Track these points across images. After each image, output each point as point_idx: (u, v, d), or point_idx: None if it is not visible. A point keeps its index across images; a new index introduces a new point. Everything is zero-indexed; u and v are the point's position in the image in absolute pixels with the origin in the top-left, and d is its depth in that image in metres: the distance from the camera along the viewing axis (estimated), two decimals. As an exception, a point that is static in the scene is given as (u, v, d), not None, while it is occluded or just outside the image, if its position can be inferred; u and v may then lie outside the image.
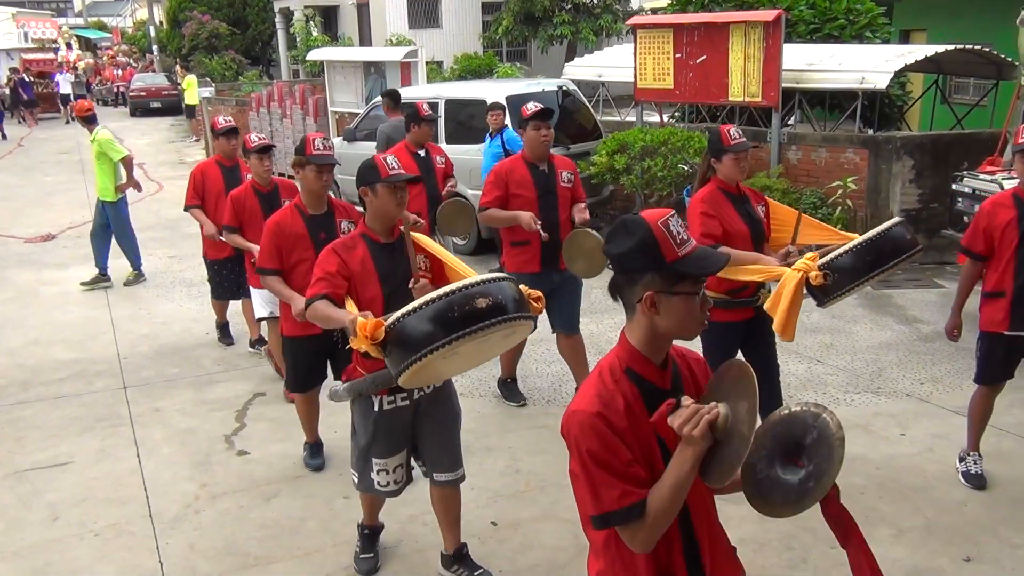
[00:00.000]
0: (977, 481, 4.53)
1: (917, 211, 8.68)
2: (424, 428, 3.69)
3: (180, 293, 8.77)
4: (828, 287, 3.98)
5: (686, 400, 1.92)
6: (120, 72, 37.34)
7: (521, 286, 3.01)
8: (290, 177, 6.66)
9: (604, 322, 7.25)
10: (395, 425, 3.62)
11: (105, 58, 44.27)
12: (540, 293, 3.24)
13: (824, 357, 6.39)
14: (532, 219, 5.10)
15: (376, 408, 3.57)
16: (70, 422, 5.75)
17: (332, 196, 4.67)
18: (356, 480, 3.78)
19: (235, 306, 7.02)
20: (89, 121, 8.92)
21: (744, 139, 4.29)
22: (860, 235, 4.08)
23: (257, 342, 6.84)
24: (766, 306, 4.13)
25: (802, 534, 4.07)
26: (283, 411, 5.80)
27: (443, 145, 9.84)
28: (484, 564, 3.90)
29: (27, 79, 29.01)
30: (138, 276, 9.23)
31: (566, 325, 5.54)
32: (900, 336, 6.81)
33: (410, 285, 3.40)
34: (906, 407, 5.57)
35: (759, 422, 1.93)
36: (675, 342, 2.05)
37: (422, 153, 6.61)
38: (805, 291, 4.02)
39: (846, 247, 4.00)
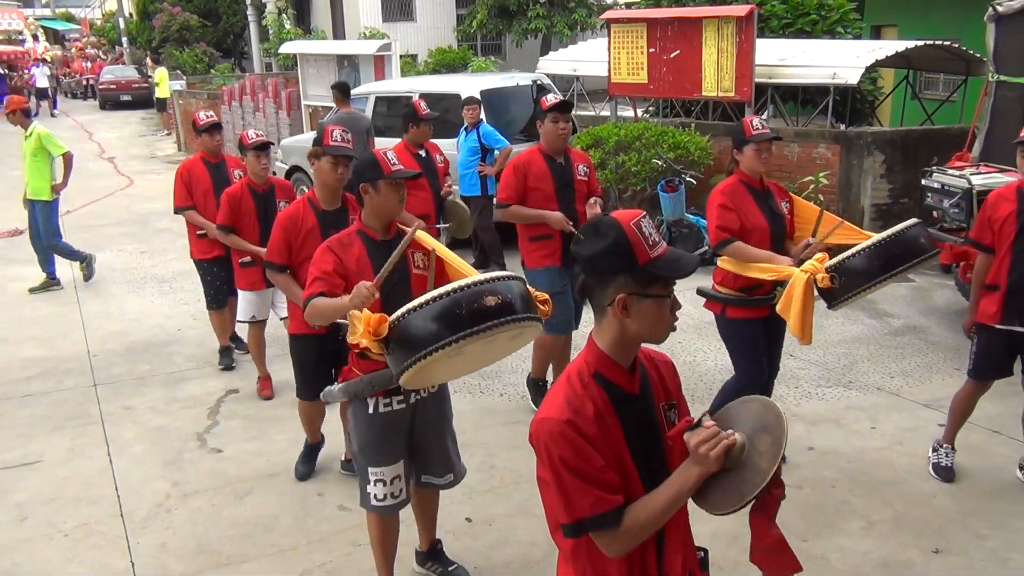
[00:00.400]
0: (946, 474, 4.58)
1: (888, 206, 8.77)
2: (417, 431, 3.57)
3: (151, 289, 8.67)
4: (836, 290, 3.94)
5: (708, 420, 1.91)
6: (89, 64, 36.83)
7: (528, 287, 2.90)
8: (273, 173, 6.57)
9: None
10: (392, 430, 3.48)
11: (74, 50, 43.63)
12: (547, 296, 3.16)
13: (796, 351, 6.45)
14: (564, 220, 5.03)
15: (371, 410, 3.44)
16: (39, 421, 5.67)
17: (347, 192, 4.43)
18: (360, 496, 3.60)
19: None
20: (26, 115, 8.57)
21: (767, 130, 4.26)
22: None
23: (225, 350, 6.54)
24: (778, 308, 4.11)
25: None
26: (256, 408, 5.76)
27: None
28: (458, 560, 3.91)
29: (2, 71, 28.31)
30: (50, 283, 8.74)
31: (556, 328, 5.30)
32: (871, 330, 6.89)
33: (416, 268, 3.37)
34: (877, 400, 5.63)
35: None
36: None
37: (423, 153, 6.41)
38: (816, 293, 3.99)
39: (856, 249, 3.94)
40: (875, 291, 4.12)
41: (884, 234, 3.91)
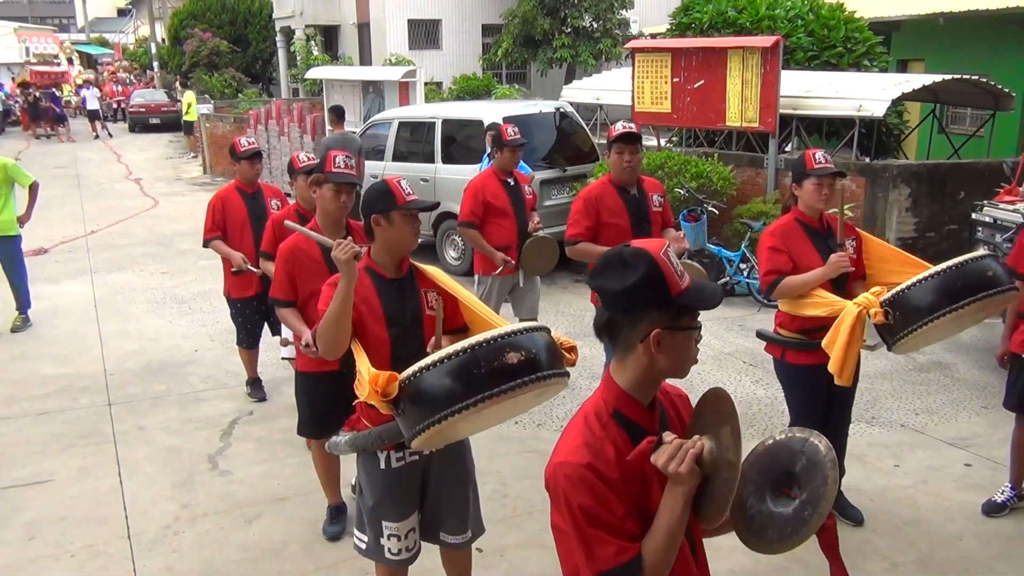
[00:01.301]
0: (989, 507, 4.49)
1: (913, 239, 8.65)
2: (432, 485, 3.31)
3: (170, 310, 8.69)
4: (892, 326, 3.59)
5: (668, 436, 1.81)
6: (120, 88, 37.42)
7: (554, 334, 2.66)
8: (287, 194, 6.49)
9: (598, 345, 7.17)
10: (406, 484, 3.24)
11: (106, 74, 44.43)
12: (574, 343, 2.89)
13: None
14: None
15: (383, 465, 3.18)
16: (52, 439, 5.65)
17: (351, 219, 4.23)
18: (363, 546, 3.33)
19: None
20: None
21: (830, 164, 3.98)
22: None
23: (255, 382, 6.33)
24: (824, 343, 3.77)
25: (793, 566, 3.98)
26: (269, 431, 5.72)
27: (438, 164, 9.87)
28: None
29: (57, 93, 28.43)
30: (24, 321, 8.14)
31: None
32: (895, 365, 6.75)
33: (428, 348, 3.01)
34: (900, 438, 5.49)
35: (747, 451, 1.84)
36: None
37: (511, 182, 5.98)
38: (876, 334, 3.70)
39: (913, 280, 3.56)
40: (942, 333, 3.67)
41: (945, 264, 3.52)
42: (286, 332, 4.78)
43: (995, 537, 4.31)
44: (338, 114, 10.59)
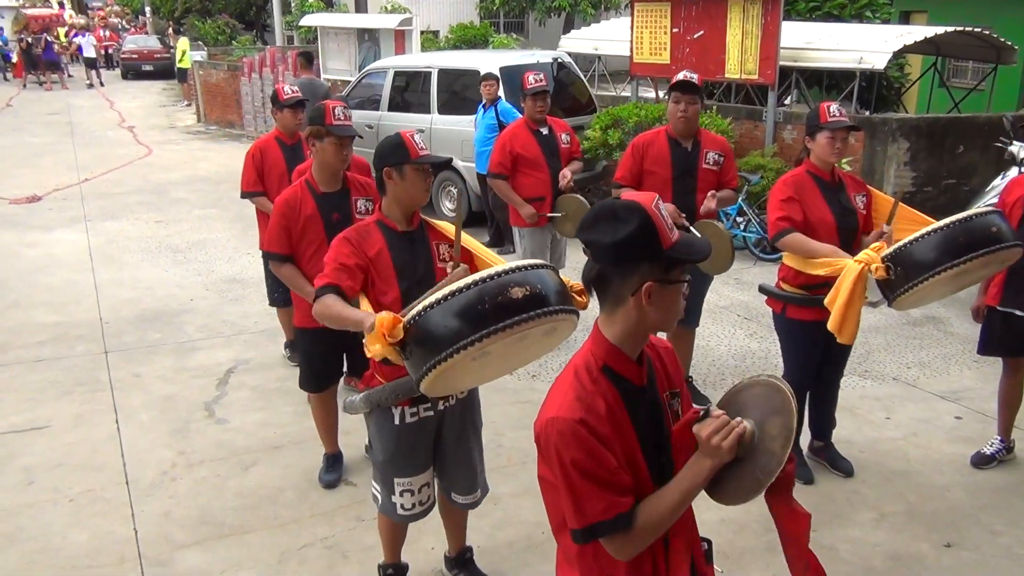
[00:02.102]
0: (977, 460, 4.55)
1: (911, 194, 8.61)
2: (445, 441, 3.31)
3: (165, 259, 8.67)
4: (893, 281, 3.54)
5: (716, 410, 1.82)
6: (107, 33, 36.74)
7: (563, 276, 2.58)
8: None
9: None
10: (418, 440, 3.22)
11: (96, 19, 43.66)
12: (583, 286, 2.86)
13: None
14: (676, 213, 4.64)
15: (397, 421, 3.17)
16: (48, 386, 5.67)
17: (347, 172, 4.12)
18: (378, 499, 3.35)
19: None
20: None
21: (845, 117, 3.94)
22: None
23: (290, 344, 6.05)
24: (825, 301, 3.74)
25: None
26: (264, 379, 5.74)
27: (434, 115, 9.77)
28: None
29: (49, 38, 27.35)
30: None
31: (687, 320, 5.12)
32: (889, 320, 6.78)
33: (449, 269, 3.02)
34: (892, 391, 5.54)
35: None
36: None
37: (544, 131, 5.79)
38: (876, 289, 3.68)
39: (915, 235, 3.50)
40: (943, 290, 3.66)
41: (948, 219, 3.47)
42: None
43: (983, 488, 4.37)
44: (307, 59, 11.13)
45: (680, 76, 4.75)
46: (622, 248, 1.79)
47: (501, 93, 8.60)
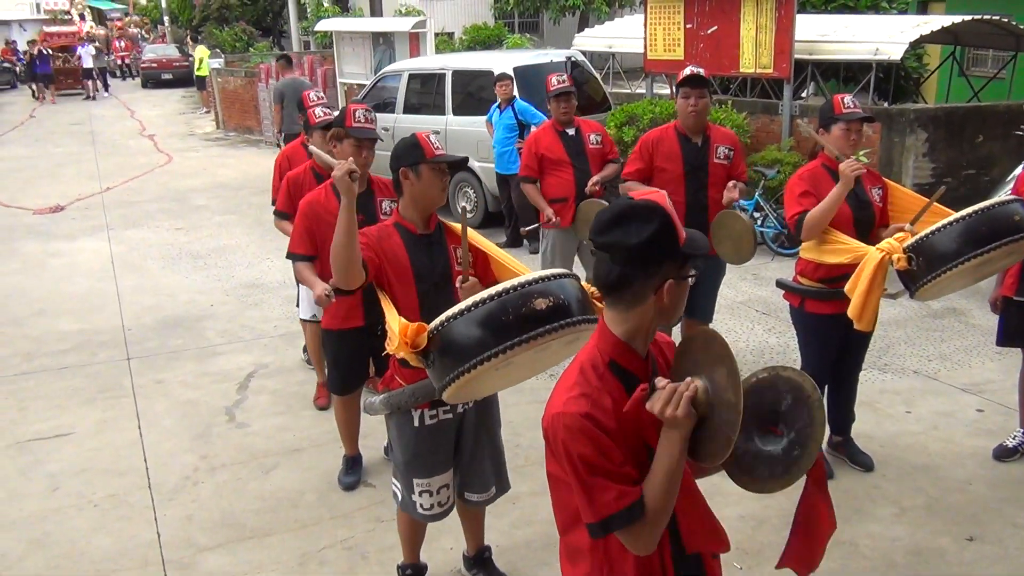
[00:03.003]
0: (999, 452, 4.51)
1: (930, 185, 8.53)
2: (463, 442, 3.34)
3: (186, 265, 8.76)
4: (914, 272, 3.54)
5: (660, 381, 1.81)
6: (123, 43, 37.01)
7: (584, 284, 2.59)
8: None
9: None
10: (438, 442, 3.25)
11: (114, 30, 44.09)
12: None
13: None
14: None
15: (416, 423, 3.19)
16: (72, 393, 5.75)
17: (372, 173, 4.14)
18: (398, 496, 3.39)
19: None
20: None
21: (859, 109, 3.94)
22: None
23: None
24: (846, 288, 3.74)
25: (802, 511, 4.02)
26: (284, 383, 5.79)
27: (449, 117, 9.79)
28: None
29: (45, 52, 27.50)
30: None
31: (701, 315, 5.10)
32: (909, 312, 6.72)
33: (457, 283, 3.00)
34: (913, 384, 5.49)
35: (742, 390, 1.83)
36: None
37: (571, 131, 5.72)
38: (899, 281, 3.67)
39: (936, 225, 3.49)
40: (964, 281, 3.66)
41: (969, 209, 3.45)
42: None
43: (1005, 481, 4.33)
44: (287, 60, 12.17)
45: (687, 71, 4.75)
46: (647, 248, 1.80)
47: (516, 92, 8.60)
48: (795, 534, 2.05)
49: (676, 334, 5.47)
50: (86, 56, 28.21)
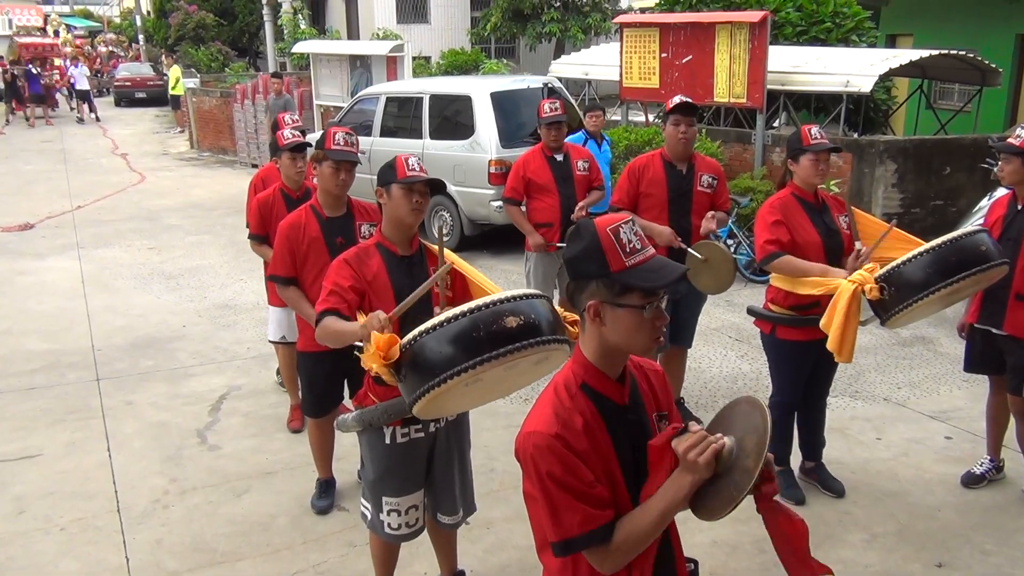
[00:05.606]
0: (967, 479, 4.56)
1: (899, 215, 8.68)
2: (435, 463, 3.36)
3: (158, 285, 8.67)
4: (887, 302, 3.62)
5: (694, 426, 1.84)
6: (96, 62, 36.52)
7: (557, 306, 2.66)
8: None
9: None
10: (409, 460, 3.27)
11: (87, 47, 43.76)
12: (577, 316, 2.91)
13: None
14: (672, 236, 4.80)
15: (388, 440, 3.22)
16: (40, 414, 5.66)
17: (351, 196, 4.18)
18: (367, 516, 3.40)
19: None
20: None
21: (826, 140, 4.02)
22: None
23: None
24: (821, 323, 3.81)
25: (775, 538, 4.04)
26: (257, 405, 5.74)
27: (426, 140, 9.83)
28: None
29: (35, 70, 25.84)
30: None
31: (680, 340, 5.27)
32: (879, 340, 6.81)
33: (437, 311, 2.99)
34: (883, 411, 5.56)
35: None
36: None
37: (559, 157, 5.77)
38: (868, 308, 3.73)
39: (907, 256, 3.59)
40: (933, 308, 3.75)
41: (939, 240, 3.56)
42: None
43: (973, 508, 4.38)
44: (280, 79, 13.59)
45: (677, 99, 4.87)
46: (572, 264, 1.90)
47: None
48: (781, 557, 2.06)
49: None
50: (79, 76, 27.21)
